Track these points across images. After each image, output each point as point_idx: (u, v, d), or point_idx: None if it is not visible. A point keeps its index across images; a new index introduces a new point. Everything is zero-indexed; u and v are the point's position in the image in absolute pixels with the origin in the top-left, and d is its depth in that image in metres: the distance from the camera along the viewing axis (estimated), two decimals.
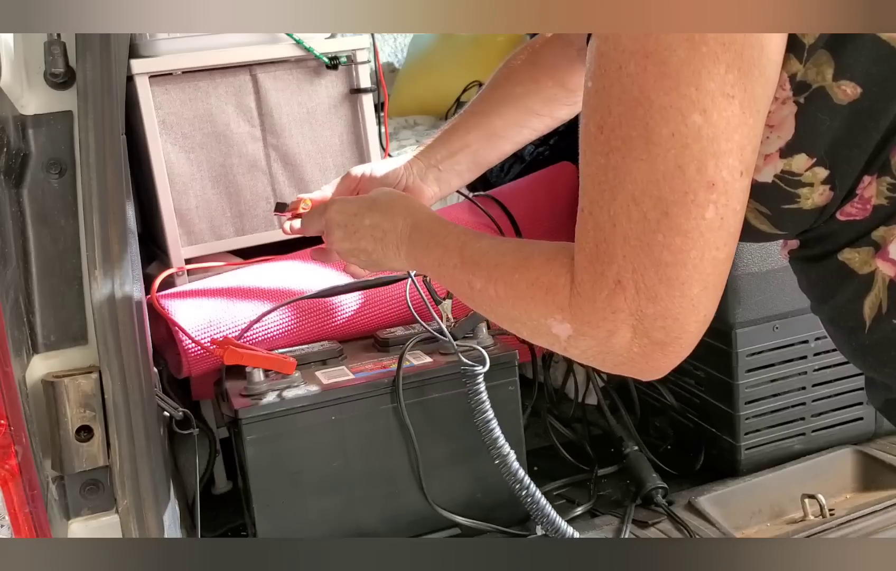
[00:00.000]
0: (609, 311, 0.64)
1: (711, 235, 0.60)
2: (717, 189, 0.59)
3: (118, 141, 0.92)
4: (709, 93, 0.57)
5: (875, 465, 1.36)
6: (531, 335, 0.72)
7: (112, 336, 0.91)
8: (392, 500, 1.26)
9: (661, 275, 0.61)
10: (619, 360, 0.66)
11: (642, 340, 0.64)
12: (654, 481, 1.34)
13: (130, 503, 0.93)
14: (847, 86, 0.61)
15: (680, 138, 0.58)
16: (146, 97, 1.46)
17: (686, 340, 0.64)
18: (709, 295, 0.63)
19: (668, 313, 0.62)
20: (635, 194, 0.61)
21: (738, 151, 0.59)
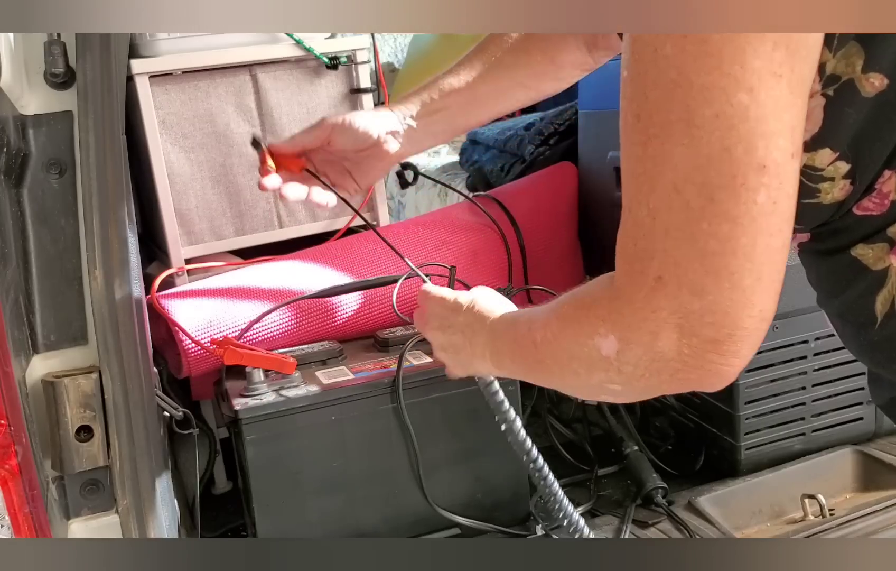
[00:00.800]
0: (649, 310, 0.59)
1: (764, 220, 0.56)
2: (768, 171, 0.55)
3: (118, 141, 0.92)
4: (755, 71, 0.54)
5: (875, 465, 1.36)
6: (587, 374, 0.67)
7: (112, 336, 0.91)
8: (392, 500, 1.26)
9: (708, 266, 0.57)
10: (675, 367, 0.60)
11: (691, 339, 0.59)
12: (655, 481, 1.34)
13: (130, 503, 0.93)
14: (875, 78, 0.60)
15: (725, 119, 0.54)
16: (146, 97, 1.46)
17: (742, 337, 0.58)
18: (764, 287, 0.58)
19: (717, 308, 0.57)
20: (676, 182, 0.56)
21: (788, 132, 0.56)
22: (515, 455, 1.28)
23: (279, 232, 1.60)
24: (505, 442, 1.29)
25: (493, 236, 1.58)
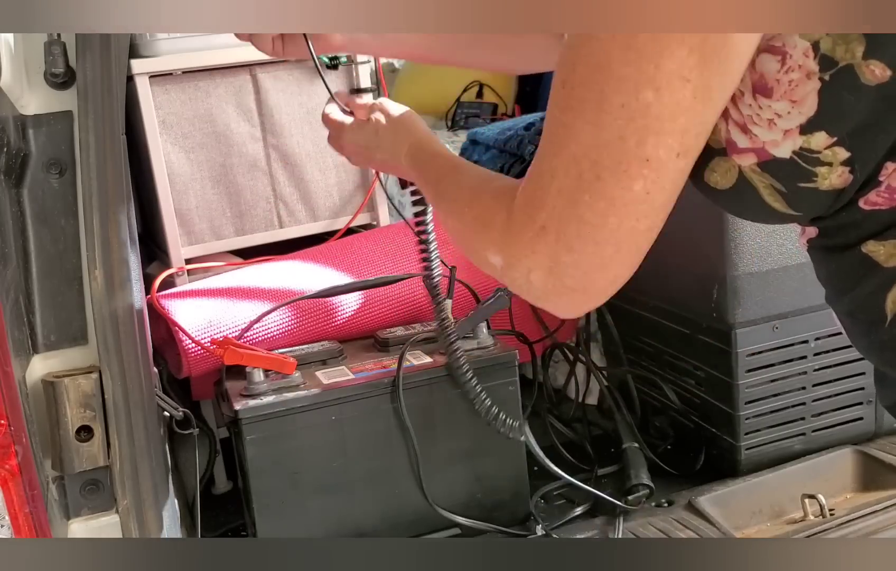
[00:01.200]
0: (530, 250, 0.69)
1: (634, 206, 0.64)
2: (650, 165, 0.62)
3: (118, 141, 0.92)
4: (666, 72, 0.60)
5: (875, 465, 1.36)
6: (479, 265, 0.79)
7: (112, 336, 0.91)
8: (392, 500, 1.26)
9: (580, 231, 0.66)
10: (538, 294, 0.72)
11: (555, 281, 0.69)
12: (640, 477, 1.33)
13: (130, 503, 0.92)
14: (877, 66, 0.60)
15: (628, 111, 0.61)
16: (146, 97, 1.46)
17: (593, 292, 0.70)
18: (622, 259, 0.68)
19: (579, 265, 0.68)
20: (577, 154, 0.64)
21: (679, 134, 0.62)
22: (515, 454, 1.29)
23: (279, 232, 1.60)
24: (505, 442, 1.30)
25: None
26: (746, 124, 0.66)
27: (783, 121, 0.64)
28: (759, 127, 0.65)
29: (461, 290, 1.47)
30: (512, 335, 1.57)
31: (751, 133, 0.66)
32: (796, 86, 0.62)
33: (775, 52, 0.62)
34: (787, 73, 0.62)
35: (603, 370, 1.68)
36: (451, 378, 1.26)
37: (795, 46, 0.61)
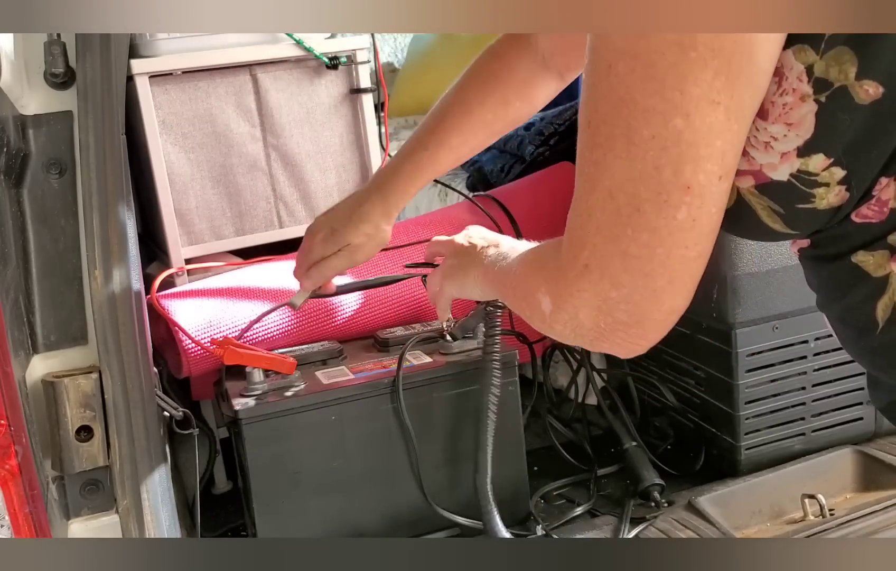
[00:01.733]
0: (576, 289, 0.69)
1: (681, 234, 0.63)
2: (692, 192, 0.61)
3: (118, 141, 0.92)
4: (693, 98, 0.59)
5: (875, 465, 1.36)
6: (531, 313, 0.78)
7: (112, 336, 0.91)
8: (392, 500, 1.26)
9: (627, 265, 0.65)
10: (592, 335, 0.71)
11: (606, 318, 0.68)
12: (652, 478, 1.34)
13: (130, 503, 0.93)
14: (870, 85, 0.60)
15: (660, 141, 0.60)
16: (146, 97, 1.46)
17: (650, 325, 0.68)
18: (675, 289, 0.66)
19: (631, 299, 0.66)
20: (612, 190, 0.63)
21: (718, 157, 0.61)
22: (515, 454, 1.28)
23: (279, 232, 1.60)
24: (505, 442, 1.30)
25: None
26: (744, 147, 0.66)
27: (779, 143, 0.64)
28: (756, 150, 0.65)
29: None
30: (512, 335, 1.57)
31: (748, 156, 0.66)
32: (791, 109, 0.63)
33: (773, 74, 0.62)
34: (781, 95, 0.63)
35: (603, 371, 1.68)
36: (451, 378, 1.26)
37: (791, 68, 0.62)
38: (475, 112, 1.11)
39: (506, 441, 1.30)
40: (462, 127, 1.11)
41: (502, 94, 1.10)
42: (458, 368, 1.25)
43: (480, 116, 1.11)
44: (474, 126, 1.11)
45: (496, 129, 1.13)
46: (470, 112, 1.11)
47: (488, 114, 1.10)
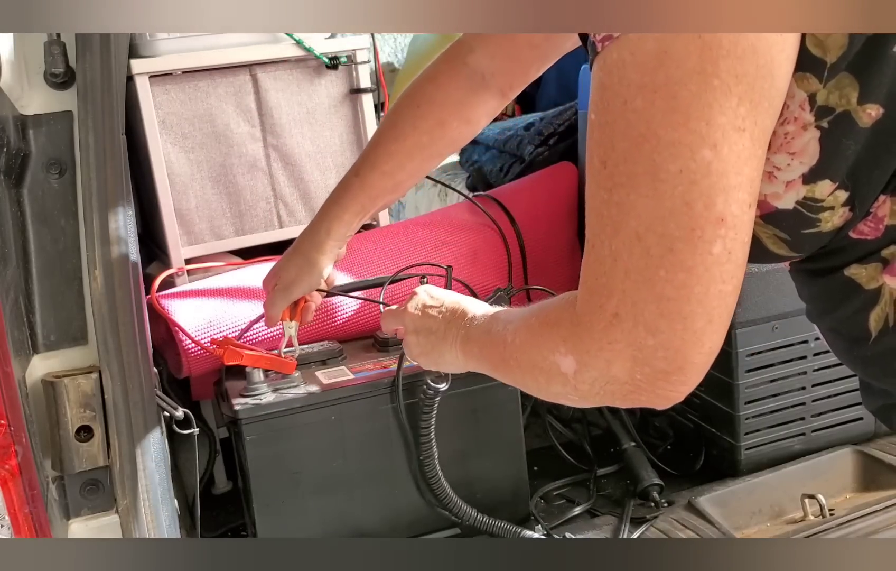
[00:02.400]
0: (606, 341, 0.64)
1: (718, 269, 0.60)
2: (726, 224, 0.59)
3: (118, 141, 0.92)
4: (720, 127, 0.57)
5: (875, 465, 1.36)
6: (547, 380, 0.72)
7: (112, 336, 0.91)
8: (392, 500, 1.26)
9: (663, 309, 0.61)
10: (626, 389, 0.66)
11: (644, 369, 0.64)
12: (651, 477, 1.34)
13: (130, 503, 0.92)
14: (871, 108, 0.60)
15: (688, 174, 0.58)
16: (146, 97, 1.46)
17: (691, 370, 0.64)
18: (714, 328, 0.62)
19: (670, 345, 0.62)
20: (639, 231, 0.60)
21: (747, 185, 0.59)
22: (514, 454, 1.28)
23: (279, 232, 1.60)
24: (505, 442, 1.30)
25: (493, 236, 1.58)
26: None
27: (783, 173, 0.64)
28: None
29: (461, 290, 1.47)
30: None
31: None
32: (792, 138, 0.62)
33: None
34: (783, 125, 0.62)
35: None
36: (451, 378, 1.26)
37: (794, 97, 0.61)
38: (409, 136, 1.09)
39: (506, 441, 1.30)
40: (395, 152, 1.09)
41: (437, 116, 1.08)
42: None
43: (415, 139, 1.08)
44: (409, 150, 1.09)
45: (434, 150, 1.10)
46: (403, 137, 1.09)
47: (423, 137, 1.08)
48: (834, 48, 0.59)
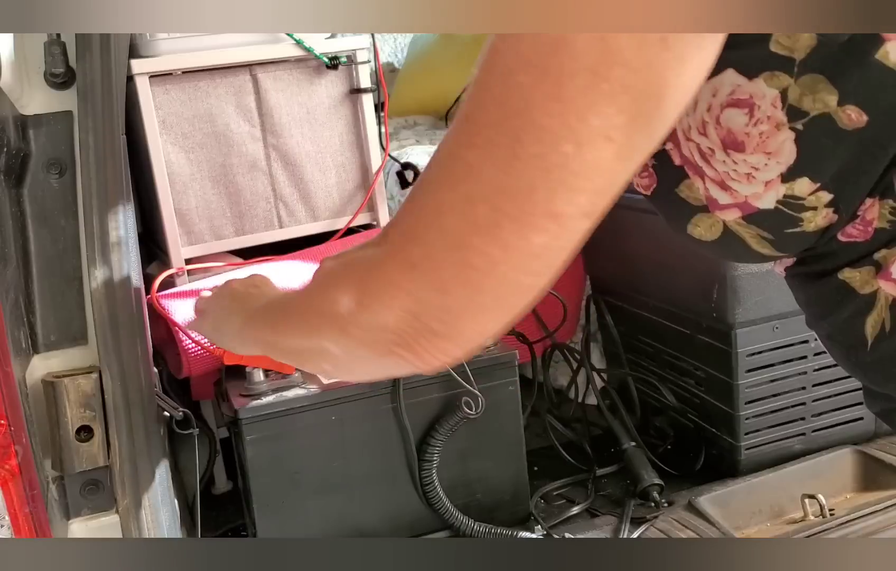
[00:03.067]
0: (394, 286, 0.63)
1: (531, 260, 0.59)
2: (557, 222, 0.58)
3: (118, 141, 0.92)
4: (591, 129, 0.55)
5: (875, 465, 1.36)
6: (318, 328, 0.72)
7: (112, 336, 0.91)
8: (392, 500, 1.26)
9: (462, 275, 0.60)
10: (391, 341, 0.65)
11: (416, 324, 0.63)
12: (651, 478, 1.34)
13: (130, 503, 0.93)
14: (853, 111, 0.59)
15: (544, 162, 0.56)
16: (146, 97, 1.46)
17: (460, 341, 0.64)
18: (499, 313, 0.62)
19: (452, 310, 0.62)
20: (474, 196, 0.59)
21: (592, 193, 0.58)
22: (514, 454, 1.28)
23: (279, 232, 1.60)
24: (504, 442, 1.30)
25: None
26: (724, 181, 0.65)
27: (762, 173, 0.63)
28: (738, 182, 0.65)
29: None
30: (512, 335, 1.57)
31: (731, 189, 0.65)
32: (767, 138, 0.62)
33: (742, 106, 0.62)
34: (756, 125, 0.62)
35: (603, 371, 1.68)
36: (451, 378, 1.26)
37: (764, 96, 0.61)
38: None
39: (506, 441, 1.30)
40: None
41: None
42: (458, 368, 1.24)
43: None
44: None
45: None
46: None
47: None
48: (801, 47, 0.59)
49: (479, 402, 1.22)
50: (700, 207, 0.69)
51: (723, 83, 0.62)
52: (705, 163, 0.66)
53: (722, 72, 0.62)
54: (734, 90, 0.62)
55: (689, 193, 0.69)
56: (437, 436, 1.24)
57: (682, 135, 0.67)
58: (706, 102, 0.63)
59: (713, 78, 0.62)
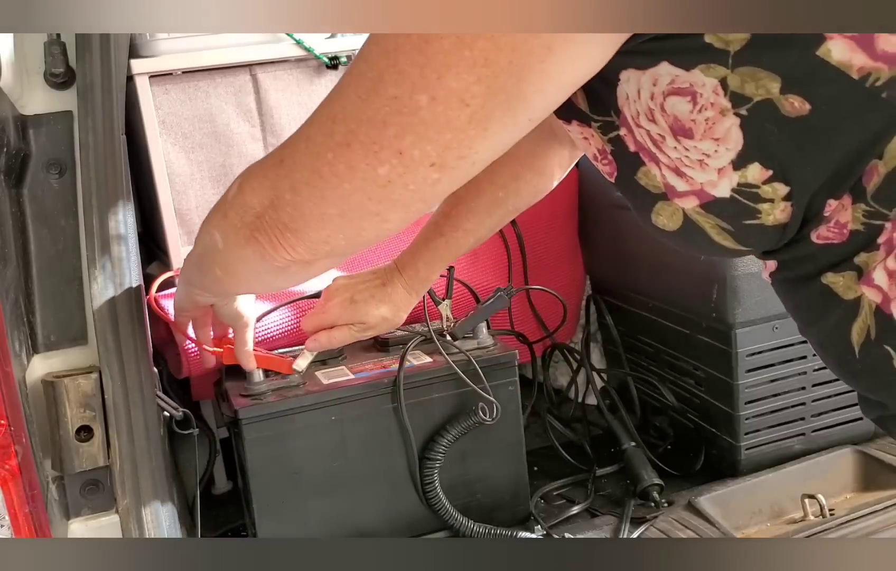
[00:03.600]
0: (263, 176, 0.74)
1: (374, 186, 0.66)
2: (402, 159, 0.63)
3: (118, 141, 0.92)
4: (448, 89, 0.60)
5: (875, 465, 1.36)
6: (215, 212, 0.81)
7: (112, 336, 0.91)
8: (392, 500, 1.26)
9: (312, 181, 0.69)
10: (251, 225, 0.75)
11: (271, 213, 0.73)
12: (651, 478, 1.34)
13: (130, 503, 0.93)
14: (796, 99, 0.60)
15: (398, 103, 0.61)
16: (146, 97, 1.46)
17: (305, 240, 0.73)
18: (341, 226, 0.70)
19: (300, 208, 0.71)
20: (337, 115, 0.66)
21: (441, 147, 0.62)
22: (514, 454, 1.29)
23: None
24: (505, 442, 1.30)
25: (493, 236, 1.58)
26: (679, 167, 0.66)
27: (713, 160, 0.64)
28: (692, 169, 0.65)
29: (461, 289, 1.47)
30: (512, 335, 1.57)
31: (686, 176, 0.66)
32: (713, 124, 0.62)
33: (683, 94, 0.62)
34: (700, 112, 0.62)
35: (602, 372, 1.68)
36: (451, 378, 1.26)
37: (704, 85, 0.61)
38: (486, 192, 1.09)
39: (506, 441, 1.30)
40: (476, 209, 1.10)
41: (511, 169, 1.08)
42: (458, 368, 1.25)
43: (492, 194, 1.09)
44: (488, 206, 1.10)
45: (509, 206, 1.11)
46: (482, 193, 1.09)
47: (499, 191, 1.09)
48: (736, 39, 0.59)
49: (493, 407, 1.22)
50: (660, 195, 0.69)
51: (660, 74, 0.63)
52: (658, 150, 0.66)
53: (657, 64, 0.62)
54: (673, 79, 0.62)
55: (647, 180, 0.69)
56: (446, 438, 1.24)
57: (632, 121, 0.67)
58: (648, 90, 0.64)
59: (650, 69, 0.63)
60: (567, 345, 1.67)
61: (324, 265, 0.81)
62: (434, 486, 1.24)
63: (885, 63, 0.57)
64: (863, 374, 0.68)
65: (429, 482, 1.24)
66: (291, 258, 0.75)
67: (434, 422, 1.27)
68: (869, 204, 0.62)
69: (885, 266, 0.62)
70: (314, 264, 0.79)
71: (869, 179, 0.61)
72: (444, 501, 1.24)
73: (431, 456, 1.24)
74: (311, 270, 0.80)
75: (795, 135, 0.61)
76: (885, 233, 0.62)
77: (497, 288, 1.37)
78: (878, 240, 0.63)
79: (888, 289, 0.63)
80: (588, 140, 0.74)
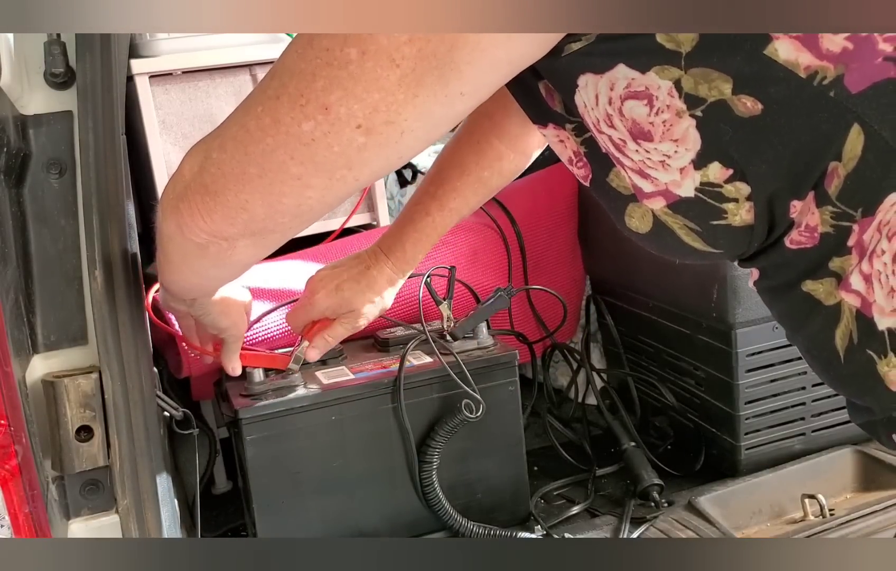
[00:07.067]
0: (200, 145, 0.73)
1: (297, 143, 0.64)
2: (328, 116, 0.62)
3: (118, 141, 0.92)
4: (377, 44, 0.60)
5: (875, 465, 1.36)
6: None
7: (112, 336, 0.91)
8: (392, 500, 1.26)
9: (237, 135, 0.67)
10: (179, 192, 0.74)
11: (197, 179, 0.72)
12: (651, 478, 1.34)
13: (130, 503, 0.93)
14: (748, 100, 0.60)
15: (328, 56, 0.61)
16: (146, 97, 1.46)
17: (222, 204, 0.71)
18: (258, 187, 0.68)
19: (222, 168, 0.69)
20: (274, 71, 0.66)
21: (368, 107, 0.61)
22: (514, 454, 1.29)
23: None
24: (505, 442, 1.30)
25: (493, 235, 1.58)
26: (642, 169, 0.66)
27: (674, 160, 0.64)
28: (656, 170, 0.65)
29: (461, 290, 1.47)
30: (512, 335, 1.57)
31: (650, 177, 0.66)
32: (671, 126, 0.63)
33: (640, 98, 0.62)
34: (657, 115, 0.63)
35: (603, 372, 1.68)
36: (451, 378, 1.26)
37: (659, 87, 0.61)
38: (472, 171, 1.10)
39: (506, 441, 1.30)
40: (461, 188, 1.11)
41: (496, 150, 1.09)
42: (458, 368, 1.24)
43: (477, 174, 1.10)
44: (472, 184, 1.11)
45: (493, 184, 1.12)
46: (467, 172, 1.11)
47: (484, 171, 1.11)
48: (686, 40, 0.59)
49: (479, 405, 1.22)
50: (630, 197, 0.70)
51: (616, 78, 0.63)
52: (621, 154, 0.67)
53: (614, 66, 0.62)
54: (629, 83, 0.62)
55: (618, 181, 0.70)
56: (437, 438, 1.24)
57: (594, 127, 0.68)
58: (605, 95, 0.64)
59: (606, 72, 0.63)
60: (567, 345, 1.67)
61: (245, 251, 0.78)
62: (433, 486, 1.24)
63: (831, 62, 0.58)
64: (848, 379, 0.68)
65: (427, 483, 1.24)
66: (209, 230, 0.74)
67: (434, 423, 1.27)
68: (835, 205, 0.62)
69: (861, 270, 0.63)
70: (235, 245, 0.76)
71: (830, 181, 0.62)
72: (443, 501, 1.24)
73: (426, 460, 1.24)
74: (234, 253, 0.78)
75: (749, 135, 0.61)
76: (853, 235, 0.62)
77: (497, 288, 1.37)
78: (849, 242, 0.63)
79: (866, 293, 0.63)
80: (564, 143, 0.75)
